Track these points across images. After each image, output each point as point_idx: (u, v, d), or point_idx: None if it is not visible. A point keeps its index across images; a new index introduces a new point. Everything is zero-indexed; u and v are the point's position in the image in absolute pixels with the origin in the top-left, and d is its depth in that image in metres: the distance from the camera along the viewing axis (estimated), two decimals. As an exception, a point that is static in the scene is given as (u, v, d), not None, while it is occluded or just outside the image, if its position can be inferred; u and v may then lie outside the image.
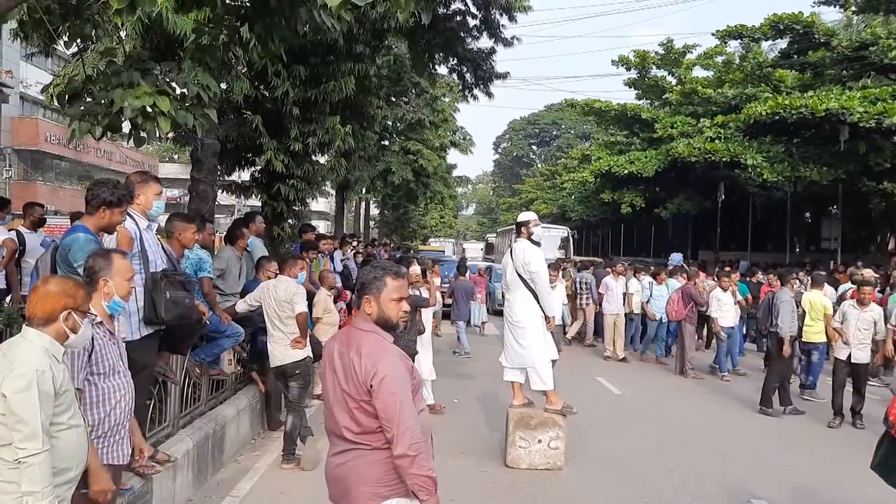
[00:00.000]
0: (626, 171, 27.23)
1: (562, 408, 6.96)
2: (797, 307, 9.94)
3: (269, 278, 6.91)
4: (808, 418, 9.36)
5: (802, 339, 10.22)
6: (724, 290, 11.87)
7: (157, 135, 4.56)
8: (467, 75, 15.40)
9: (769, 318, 9.69)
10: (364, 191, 29.01)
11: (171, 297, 4.53)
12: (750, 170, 20.75)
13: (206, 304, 5.87)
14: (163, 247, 4.96)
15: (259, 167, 12.24)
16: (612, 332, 13.69)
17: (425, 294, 8.83)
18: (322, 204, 48.96)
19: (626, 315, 13.74)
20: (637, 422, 8.91)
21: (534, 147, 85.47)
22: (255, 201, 14.89)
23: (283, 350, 6.59)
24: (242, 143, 11.58)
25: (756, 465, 7.19)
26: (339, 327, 8.45)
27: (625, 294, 13.73)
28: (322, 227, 44.54)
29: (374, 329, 3.00)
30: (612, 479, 6.59)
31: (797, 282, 12.31)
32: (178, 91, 4.65)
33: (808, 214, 31.84)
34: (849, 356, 8.84)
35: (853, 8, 21.32)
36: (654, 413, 9.46)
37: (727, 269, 15.76)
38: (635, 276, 13.96)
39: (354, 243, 14.68)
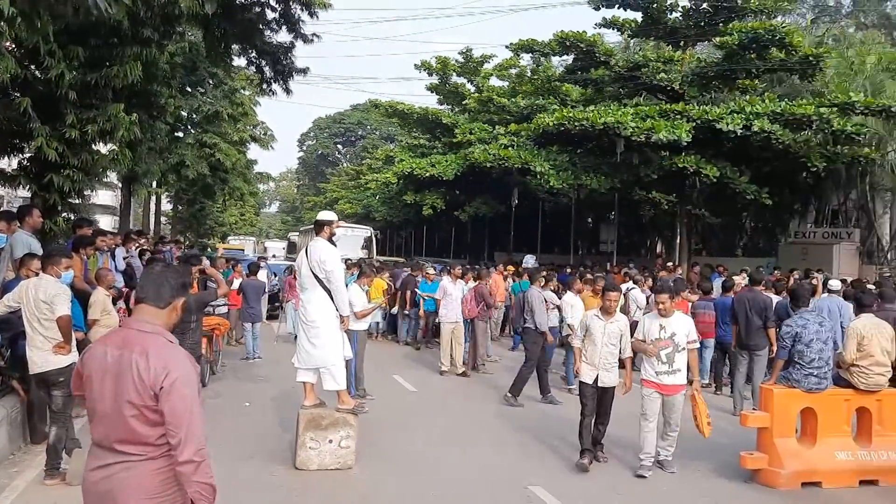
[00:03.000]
0: (427, 174, 27.88)
1: (354, 407, 6.99)
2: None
3: (30, 276, 6.28)
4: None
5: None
6: (577, 294, 11.79)
7: None
8: (266, 69, 15.02)
9: (522, 316, 10.32)
10: (154, 184, 27.32)
11: None
12: (539, 177, 22.08)
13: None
14: None
15: (29, 154, 11.11)
16: (450, 342, 12.31)
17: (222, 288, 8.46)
18: (108, 197, 45.36)
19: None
20: (429, 418, 9.16)
21: (339, 146, 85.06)
22: (25, 192, 13.53)
23: (44, 356, 6.01)
24: (8, 127, 10.44)
25: (535, 453, 7.66)
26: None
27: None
28: (107, 222, 41.34)
29: (158, 330, 2.85)
30: (402, 475, 6.72)
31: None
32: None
33: (589, 220, 34.45)
34: (596, 379, 7.19)
35: (629, 32, 23.39)
36: (446, 409, 9.78)
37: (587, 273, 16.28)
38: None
39: (141, 240, 13.76)
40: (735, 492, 6.68)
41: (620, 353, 7.25)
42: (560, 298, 11.54)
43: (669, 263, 21.54)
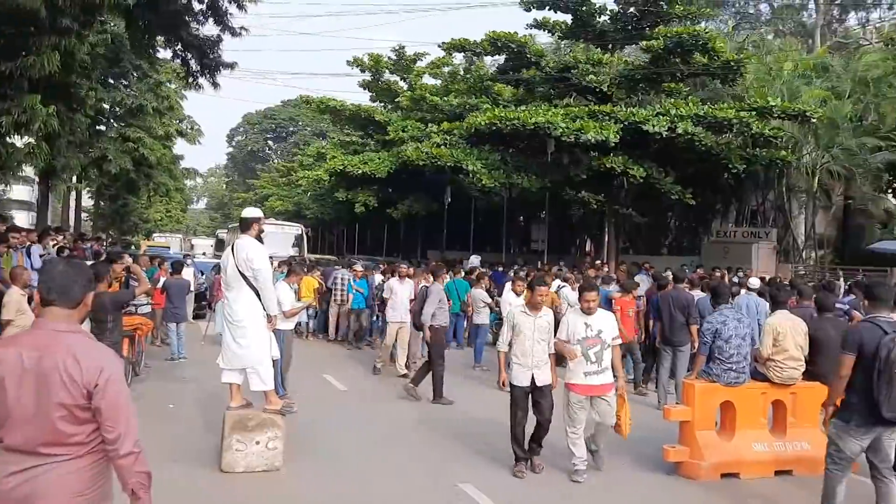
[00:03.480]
0: (360, 172, 27.73)
1: (281, 407, 6.89)
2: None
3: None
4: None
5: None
6: (518, 294, 11.50)
7: None
8: (192, 62, 14.66)
9: (419, 310, 10.15)
10: (74, 179, 26.33)
11: None
12: (471, 175, 22.24)
13: None
14: None
15: (-67, 147, 10.57)
16: (393, 342, 11.96)
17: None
18: (24, 192, 43.46)
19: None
20: (360, 417, 9.10)
21: (270, 142, 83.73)
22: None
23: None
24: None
25: (466, 451, 7.69)
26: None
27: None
28: (24, 218, 39.61)
29: (76, 328, 2.81)
30: (331, 476, 6.65)
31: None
32: None
33: (521, 218, 34.87)
34: (532, 379, 6.84)
35: (559, 34, 23.77)
36: (377, 408, 9.72)
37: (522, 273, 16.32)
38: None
39: (59, 237, 13.24)
40: (656, 484, 6.85)
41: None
42: (493, 297, 11.69)
43: (598, 262, 21.99)
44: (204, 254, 34.96)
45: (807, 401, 7.37)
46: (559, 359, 7.14)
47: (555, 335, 7.06)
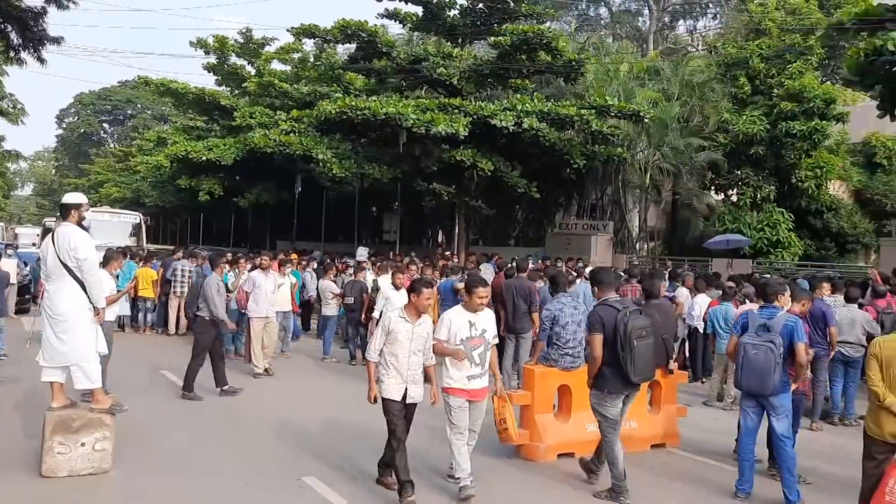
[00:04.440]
0: (204, 158, 26.52)
1: (110, 406, 6.46)
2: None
3: None
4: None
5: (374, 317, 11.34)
6: (397, 288, 11.17)
7: None
8: (13, 35, 13.41)
9: (195, 303, 9.78)
10: None
11: None
12: (321, 164, 21.91)
13: None
14: None
15: None
16: (260, 340, 11.24)
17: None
18: None
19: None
20: (198, 414, 8.72)
21: (105, 125, 78.47)
22: None
23: None
24: None
25: (310, 445, 7.56)
26: None
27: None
28: None
29: None
30: (165, 476, 6.32)
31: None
32: None
33: (373, 209, 34.82)
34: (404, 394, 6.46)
35: (410, 25, 23.88)
36: (216, 404, 9.34)
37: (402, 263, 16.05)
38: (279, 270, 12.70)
39: None
40: (497, 467, 7.03)
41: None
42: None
43: (447, 252, 22.39)
44: (34, 244, 32.20)
45: (635, 382, 7.86)
46: None
47: None
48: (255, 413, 8.89)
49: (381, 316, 8.75)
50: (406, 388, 5.94)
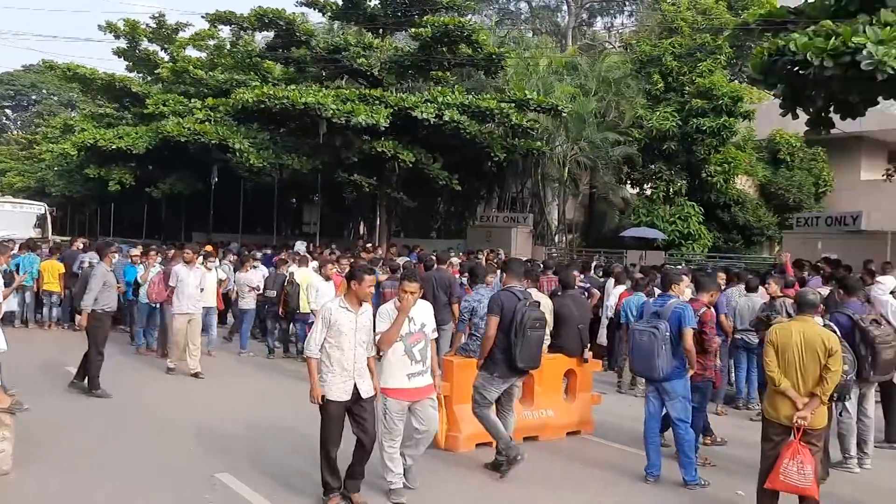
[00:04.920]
0: (114, 147, 25.45)
1: (10, 406, 6.15)
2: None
3: None
4: (290, 386, 10.06)
5: (300, 311, 11.69)
6: (327, 279, 11.13)
7: None
8: None
9: (81, 296, 9.36)
10: None
11: None
12: (238, 154, 21.41)
13: None
14: None
15: None
16: (183, 337, 10.56)
17: None
18: None
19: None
20: (106, 410, 8.40)
21: (7, 111, 74.32)
22: None
23: None
24: None
25: (223, 441, 7.38)
26: None
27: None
28: None
29: None
30: (71, 475, 6.08)
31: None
32: None
33: (293, 200, 34.27)
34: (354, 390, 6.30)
35: (330, 14, 23.56)
36: (125, 400, 9.01)
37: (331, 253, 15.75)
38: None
39: None
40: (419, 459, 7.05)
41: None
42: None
43: (369, 245, 22.28)
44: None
45: (551, 371, 8.03)
46: None
47: None
48: (167, 410, 8.63)
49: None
50: (354, 384, 5.54)
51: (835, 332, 5.85)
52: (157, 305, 11.83)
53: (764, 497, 5.54)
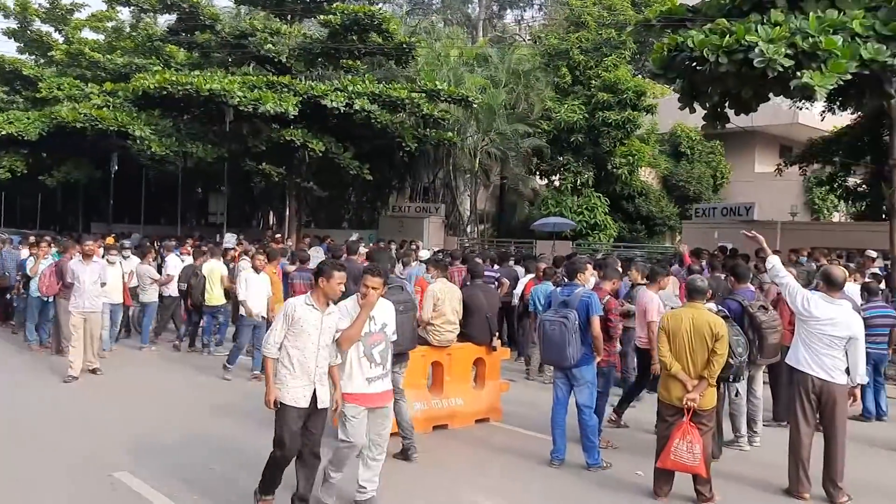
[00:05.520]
0: (3, 132, 23.98)
1: None
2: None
3: None
4: (191, 384, 9.76)
5: (206, 304, 11.49)
6: (258, 271, 10.49)
7: None
8: None
9: None
10: None
11: None
12: (139, 142, 20.58)
13: None
14: None
15: None
16: (81, 336, 9.76)
17: None
18: None
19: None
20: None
21: None
22: None
23: None
24: None
25: (122, 439, 7.09)
26: None
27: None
28: None
29: None
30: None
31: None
32: None
33: (199, 189, 33.27)
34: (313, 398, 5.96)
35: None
36: (16, 402, 8.55)
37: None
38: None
39: None
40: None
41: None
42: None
43: (278, 235, 21.88)
44: None
45: (460, 360, 8.11)
46: None
47: None
48: (64, 409, 8.26)
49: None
50: (315, 391, 5.07)
51: (727, 317, 6.16)
52: (50, 299, 11.23)
53: (659, 476, 5.78)
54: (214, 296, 11.55)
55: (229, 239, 20.25)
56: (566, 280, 7.01)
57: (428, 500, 5.57)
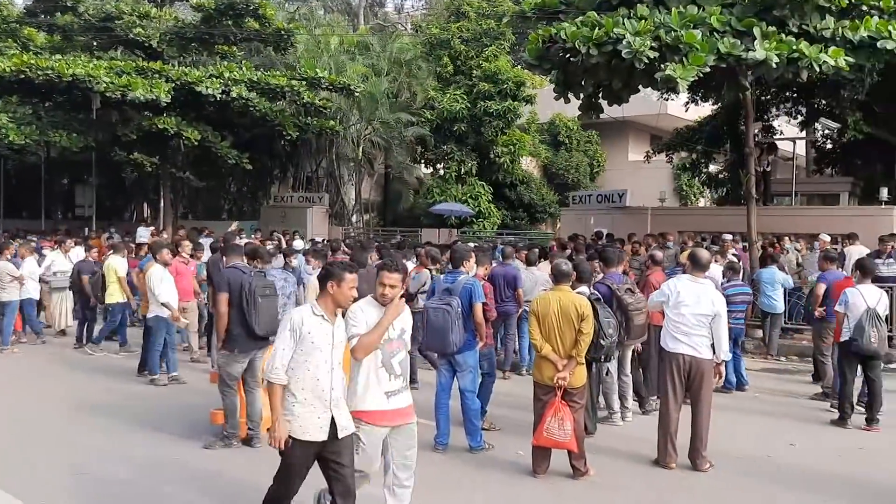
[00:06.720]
0: None
1: None
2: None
3: None
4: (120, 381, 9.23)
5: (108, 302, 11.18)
6: (165, 265, 9.84)
7: None
8: None
9: None
10: None
11: None
12: (-4, 130, 19.11)
13: None
14: None
15: None
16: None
17: None
18: None
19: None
20: None
21: None
22: None
23: None
24: None
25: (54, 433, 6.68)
26: None
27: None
28: None
29: None
30: None
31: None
32: None
33: (64, 181, 31.36)
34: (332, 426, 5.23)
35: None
36: None
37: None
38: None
39: None
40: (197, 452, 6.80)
41: None
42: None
43: (153, 227, 20.98)
44: None
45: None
46: None
47: None
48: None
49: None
50: (333, 418, 4.18)
51: (599, 299, 6.46)
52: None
53: (537, 454, 5.99)
54: (109, 293, 11.12)
55: (142, 234, 19.25)
56: (451, 267, 7.10)
57: (305, 484, 5.05)
